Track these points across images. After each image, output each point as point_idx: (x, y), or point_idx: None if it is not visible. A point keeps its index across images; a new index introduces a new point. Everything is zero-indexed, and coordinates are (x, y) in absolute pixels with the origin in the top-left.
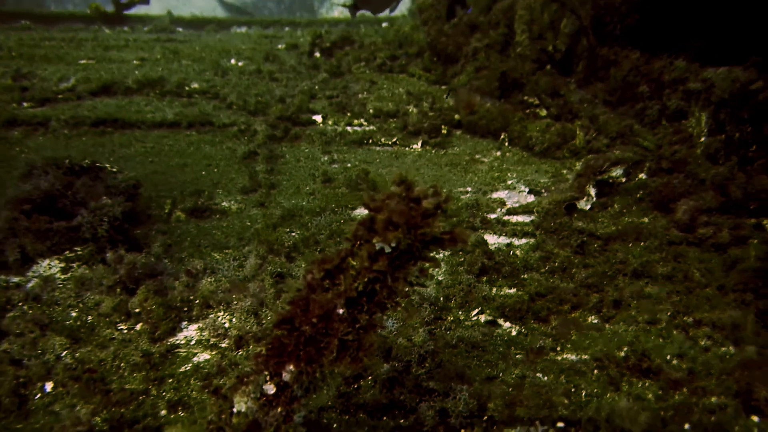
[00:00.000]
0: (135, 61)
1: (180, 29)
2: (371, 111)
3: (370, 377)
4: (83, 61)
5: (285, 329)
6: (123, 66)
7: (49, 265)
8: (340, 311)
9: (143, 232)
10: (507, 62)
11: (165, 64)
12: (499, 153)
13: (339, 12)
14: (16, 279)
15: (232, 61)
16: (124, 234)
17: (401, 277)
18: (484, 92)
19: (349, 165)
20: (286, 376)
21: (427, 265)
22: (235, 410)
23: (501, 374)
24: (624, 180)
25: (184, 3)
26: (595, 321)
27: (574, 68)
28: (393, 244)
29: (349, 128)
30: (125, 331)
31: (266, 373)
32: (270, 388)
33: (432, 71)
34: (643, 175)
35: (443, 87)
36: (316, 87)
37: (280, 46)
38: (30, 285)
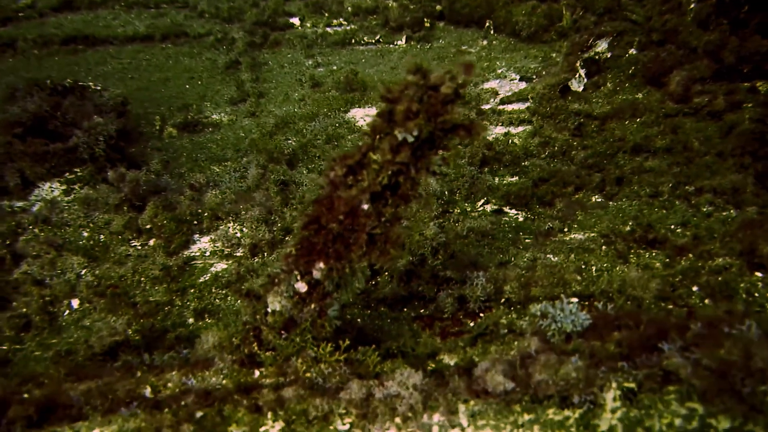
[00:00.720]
0: None
1: None
2: (349, 9)
3: (386, 272)
4: None
5: (312, 229)
6: None
7: (50, 188)
8: (365, 206)
9: (138, 150)
10: None
11: None
12: (485, 42)
13: None
14: (20, 203)
15: None
16: (120, 152)
17: (423, 167)
18: None
19: (334, 68)
20: (316, 274)
21: (447, 153)
22: (269, 309)
23: (513, 259)
24: (609, 55)
25: None
26: (599, 200)
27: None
28: (415, 133)
29: (329, 29)
30: (139, 247)
31: (297, 272)
32: (302, 287)
33: None
34: (633, 51)
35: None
36: None
37: None
38: (36, 208)
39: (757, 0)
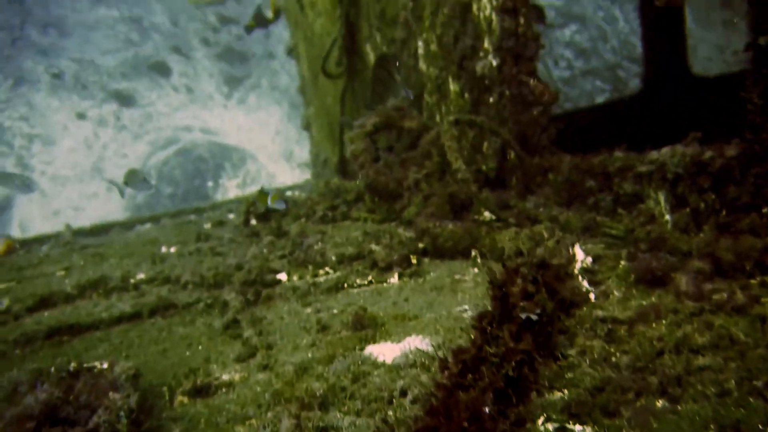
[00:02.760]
0: (60, 272)
1: (84, 238)
2: (333, 258)
3: None
4: (2, 286)
5: None
6: (49, 278)
7: None
8: (487, 409)
9: (152, 425)
10: (450, 186)
11: (93, 267)
12: (476, 270)
13: (233, 194)
14: None
15: (163, 249)
16: (139, 426)
17: (548, 353)
18: (438, 217)
19: (335, 311)
20: None
21: (563, 337)
22: None
23: None
24: (596, 268)
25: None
26: (666, 404)
27: (508, 183)
28: (538, 311)
29: (318, 279)
30: None
31: None
32: None
33: (377, 211)
34: (623, 262)
35: (393, 224)
36: (265, 250)
37: (206, 226)
38: None
39: (733, 204)
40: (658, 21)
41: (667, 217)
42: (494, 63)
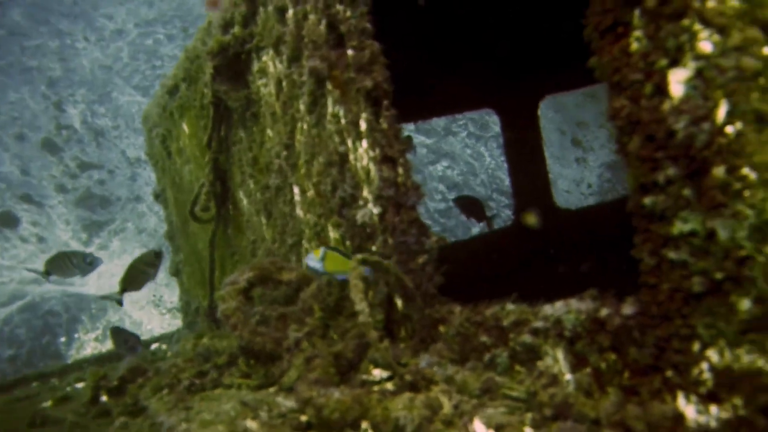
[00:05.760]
0: None
1: None
2: None
3: None
4: None
5: None
6: None
7: None
8: None
9: None
10: (334, 345)
11: None
12: None
13: (91, 348)
14: None
15: None
16: None
17: None
18: (323, 383)
19: None
20: None
21: None
22: None
23: None
24: None
25: None
26: None
27: (397, 335)
28: None
29: None
30: None
31: None
32: None
33: (252, 376)
34: (528, 429)
35: (271, 389)
36: None
37: (45, 404)
38: None
39: (635, 366)
40: (522, 159)
41: (568, 376)
42: (375, 212)
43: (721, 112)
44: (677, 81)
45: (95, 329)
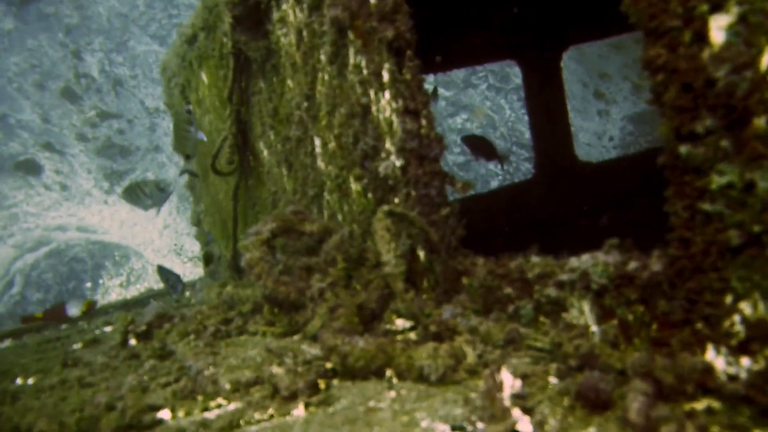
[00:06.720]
0: None
1: None
2: (227, 386)
3: None
4: None
5: None
6: None
7: None
8: None
9: None
10: (357, 295)
11: None
12: (393, 393)
13: (116, 294)
14: None
15: (18, 381)
16: None
17: None
18: (346, 332)
19: None
20: None
21: None
22: None
23: None
24: (523, 391)
25: None
26: None
27: (419, 287)
28: None
29: (208, 414)
30: None
31: None
32: None
33: (276, 324)
34: (553, 379)
35: (295, 337)
36: (146, 378)
37: (76, 346)
38: None
39: (665, 318)
40: (544, 112)
41: (594, 328)
42: (398, 164)
43: (766, 59)
44: (718, 27)
45: (119, 275)
